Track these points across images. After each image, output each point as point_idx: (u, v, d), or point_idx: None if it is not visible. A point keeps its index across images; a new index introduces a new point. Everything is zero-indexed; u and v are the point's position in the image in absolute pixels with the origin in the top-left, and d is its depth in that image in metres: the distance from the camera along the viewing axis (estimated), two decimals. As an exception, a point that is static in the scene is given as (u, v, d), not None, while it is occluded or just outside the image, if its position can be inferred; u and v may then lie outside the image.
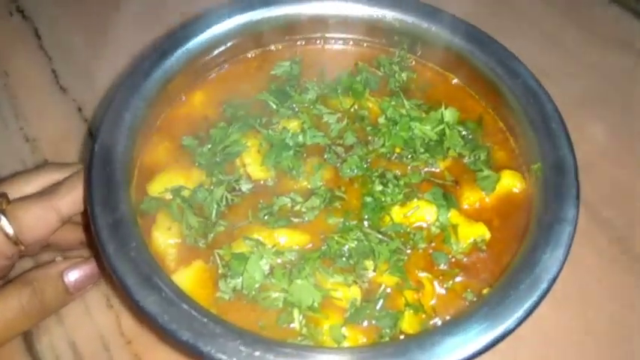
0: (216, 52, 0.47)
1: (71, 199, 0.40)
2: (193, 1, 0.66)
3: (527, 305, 0.32)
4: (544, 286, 0.32)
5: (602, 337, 0.47)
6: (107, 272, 0.41)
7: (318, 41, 0.51)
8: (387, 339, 0.35)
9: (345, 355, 0.31)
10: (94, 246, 0.37)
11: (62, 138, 0.57)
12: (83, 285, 0.42)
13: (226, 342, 0.30)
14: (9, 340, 0.40)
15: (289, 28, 0.49)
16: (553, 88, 0.62)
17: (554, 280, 0.33)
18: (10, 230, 0.38)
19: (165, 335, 0.31)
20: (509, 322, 0.31)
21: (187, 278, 0.38)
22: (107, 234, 0.34)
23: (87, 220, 0.37)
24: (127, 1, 0.68)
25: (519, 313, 0.32)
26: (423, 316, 0.38)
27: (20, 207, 0.39)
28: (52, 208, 0.39)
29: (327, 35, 0.51)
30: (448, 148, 0.45)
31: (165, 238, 0.40)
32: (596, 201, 0.54)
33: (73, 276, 0.41)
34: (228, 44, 0.47)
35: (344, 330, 0.37)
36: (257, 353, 0.29)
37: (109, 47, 0.64)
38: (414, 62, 0.51)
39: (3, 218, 0.38)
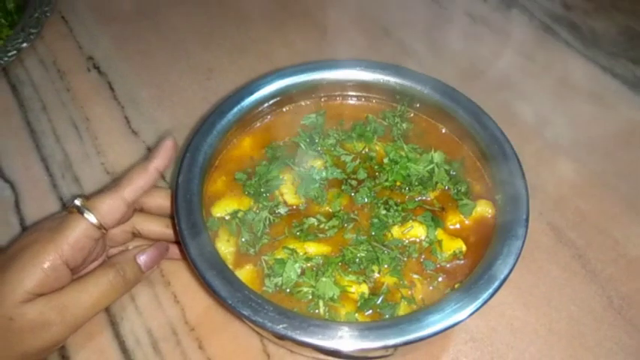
0: (260, 108, 0.58)
1: (131, 188, 0.49)
2: (233, 68, 0.79)
3: (484, 296, 0.42)
4: (497, 283, 0.43)
5: (562, 334, 0.55)
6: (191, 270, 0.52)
7: (337, 98, 0.61)
8: (386, 321, 0.46)
9: (356, 326, 0.41)
10: (181, 251, 0.48)
11: (135, 172, 0.69)
12: (151, 265, 0.51)
13: (275, 316, 0.41)
14: (100, 309, 0.48)
15: (315, 89, 0.60)
16: (531, 134, 0.73)
17: (504, 279, 0.43)
18: (93, 219, 0.47)
19: (233, 311, 0.42)
20: (471, 307, 0.42)
21: (241, 277, 0.47)
22: (190, 243, 0.45)
23: (176, 233, 0.48)
24: (179, 62, 0.80)
25: (478, 301, 0.42)
26: (414, 306, 0.47)
27: (96, 200, 0.48)
28: (118, 196, 0.48)
29: (344, 93, 0.61)
30: (437, 182, 0.54)
31: (225, 248, 0.50)
32: (563, 225, 0.64)
33: (143, 258, 0.51)
34: (270, 102, 0.58)
35: (356, 315, 0.46)
36: (295, 322, 0.41)
37: (167, 99, 0.75)
38: (412, 114, 0.60)
39: (86, 211, 0.47)
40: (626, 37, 0.85)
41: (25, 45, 0.78)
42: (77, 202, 0.47)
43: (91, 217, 0.47)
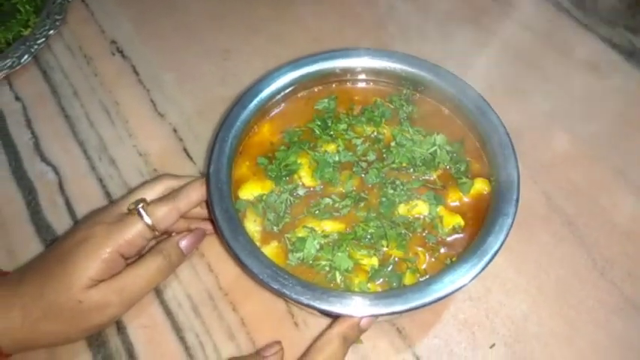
0: (278, 96, 0.62)
1: (187, 202, 0.56)
2: (248, 49, 0.81)
3: (478, 267, 0.49)
4: (489, 256, 0.49)
5: (550, 293, 0.61)
6: (224, 246, 0.58)
7: (348, 83, 0.65)
8: (394, 289, 0.53)
9: (368, 295, 0.48)
10: (216, 231, 0.55)
11: (165, 152, 0.72)
12: (191, 248, 0.58)
13: (299, 288, 0.48)
14: (151, 289, 0.55)
15: (328, 75, 0.64)
16: (529, 104, 0.77)
17: (496, 253, 0.49)
18: (149, 222, 0.53)
19: (263, 285, 0.49)
20: (466, 277, 0.48)
21: (268, 252, 0.53)
22: (224, 224, 0.52)
23: (210, 213, 0.54)
24: (195, 44, 0.83)
25: (473, 272, 0.48)
26: (418, 275, 0.52)
27: (155, 206, 0.55)
28: (174, 207, 0.55)
29: (354, 78, 0.65)
30: (439, 163, 0.58)
31: (252, 227, 0.55)
32: (554, 194, 0.68)
33: (184, 243, 0.57)
34: (287, 90, 0.63)
35: (368, 285, 0.52)
36: (316, 294, 0.48)
37: (188, 81, 0.79)
38: (418, 96, 0.64)
39: (145, 214, 0.54)
40: (625, 4, 0.87)
41: (52, 32, 0.82)
42: (139, 206, 0.55)
43: (148, 221, 0.54)
